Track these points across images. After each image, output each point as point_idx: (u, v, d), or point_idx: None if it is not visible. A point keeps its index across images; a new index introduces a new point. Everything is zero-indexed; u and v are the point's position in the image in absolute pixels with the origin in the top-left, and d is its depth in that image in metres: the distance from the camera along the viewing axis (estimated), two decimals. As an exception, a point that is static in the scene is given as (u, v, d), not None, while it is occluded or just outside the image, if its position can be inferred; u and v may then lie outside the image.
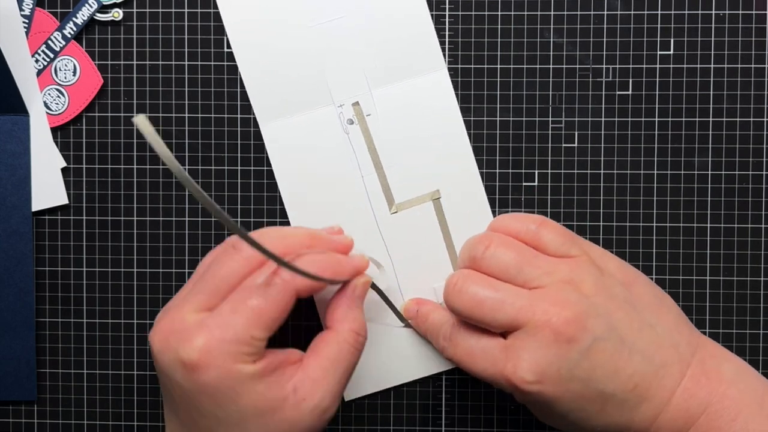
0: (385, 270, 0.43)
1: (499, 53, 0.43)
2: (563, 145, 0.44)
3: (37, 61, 0.43)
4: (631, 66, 0.43)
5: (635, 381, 0.36)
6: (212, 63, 0.44)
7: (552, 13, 0.43)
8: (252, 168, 0.44)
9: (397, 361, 0.44)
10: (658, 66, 0.43)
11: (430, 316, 0.41)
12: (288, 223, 0.44)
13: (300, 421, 0.35)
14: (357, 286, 0.38)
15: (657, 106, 0.43)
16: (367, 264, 0.39)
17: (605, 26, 0.43)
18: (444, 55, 0.44)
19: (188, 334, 0.34)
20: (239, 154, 0.44)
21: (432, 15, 0.43)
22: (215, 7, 0.43)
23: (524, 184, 0.44)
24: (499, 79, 0.44)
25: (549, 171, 0.44)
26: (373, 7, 0.43)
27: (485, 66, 0.44)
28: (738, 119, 0.43)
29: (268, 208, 0.44)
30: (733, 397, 0.37)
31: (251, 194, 0.44)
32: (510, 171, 0.44)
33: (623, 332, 0.36)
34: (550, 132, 0.44)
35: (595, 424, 0.37)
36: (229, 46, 0.44)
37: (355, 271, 0.38)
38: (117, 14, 0.44)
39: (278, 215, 0.44)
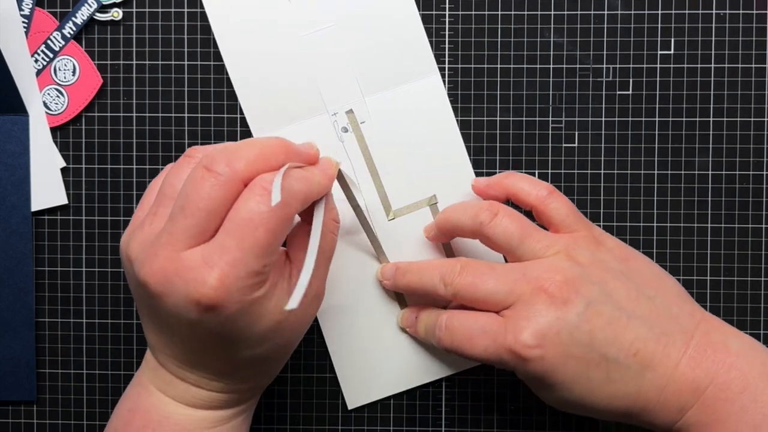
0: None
1: (499, 53, 0.43)
2: (563, 145, 0.44)
3: (36, 60, 0.43)
4: (631, 66, 0.43)
5: (637, 347, 0.36)
6: (212, 63, 0.44)
7: (552, 12, 0.43)
8: (252, 168, 0.44)
9: (398, 368, 0.44)
10: (658, 66, 0.43)
11: (408, 280, 0.41)
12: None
13: (306, 313, 0.37)
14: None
15: (657, 105, 0.43)
16: (336, 167, 0.37)
17: (605, 26, 0.43)
18: (443, 56, 0.43)
19: (196, 274, 0.32)
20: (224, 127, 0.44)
21: (431, 15, 0.43)
22: (215, 6, 0.43)
23: (524, 184, 0.44)
24: (499, 79, 0.43)
25: (549, 171, 0.44)
26: (364, 14, 0.43)
27: (485, 66, 0.43)
28: (738, 119, 0.43)
29: (268, 208, 0.44)
30: (740, 369, 0.36)
31: (251, 194, 0.44)
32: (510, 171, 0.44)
33: (619, 300, 0.37)
34: (550, 132, 0.44)
35: (602, 396, 0.36)
36: (228, 46, 0.44)
37: (331, 180, 0.37)
38: (116, 14, 0.44)
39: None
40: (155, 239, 0.34)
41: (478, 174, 0.44)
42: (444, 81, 0.43)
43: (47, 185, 0.44)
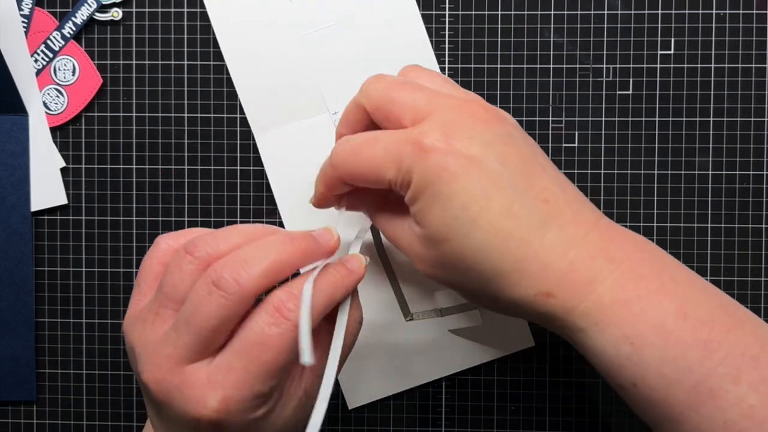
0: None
1: (499, 53, 0.43)
2: (563, 145, 0.44)
3: (36, 60, 0.43)
4: (631, 66, 0.43)
5: (546, 195, 0.32)
6: (212, 63, 0.44)
7: (552, 12, 0.43)
8: (251, 168, 0.44)
9: (398, 368, 0.44)
10: (658, 66, 0.43)
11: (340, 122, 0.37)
12: (285, 225, 0.44)
13: (306, 412, 0.34)
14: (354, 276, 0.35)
15: (657, 105, 0.43)
16: (365, 267, 0.35)
17: (605, 26, 0.43)
18: (443, 55, 0.43)
19: (198, 393, 0.31)
20: (239, 154, 0.44)
21: (432, 15, 0.43)
22: (215, 6, 0.43)
23: (524, 184, 0.44)
24: (499, 79, 0.43)
25: (549, 171, 0.44)
26: (364, 14, 0.43)
27: (485, 66, 0.43)
28: (738, 119, 0.43)
29: (268, 207, 0.44)
30: (653, 253, 0.33)
31: (251, 194, 0.44)
32: (510, 171, 0.44)
33: (536, 152, 0.33)
34: (550, 132, 0.43)
35: (498, 226, 0.31)
36: (228, 46, 0.44)
37: (357, 283, 0.35)
38: (116, 14, 0.44)
39: (278, 215, 0.44)
40: (159, 345, 0.32)
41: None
42: (444, 81, 0.43)
43: (47, 185, 0.44)
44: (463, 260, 0.32)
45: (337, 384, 0.44)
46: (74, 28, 0.44)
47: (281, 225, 0.43)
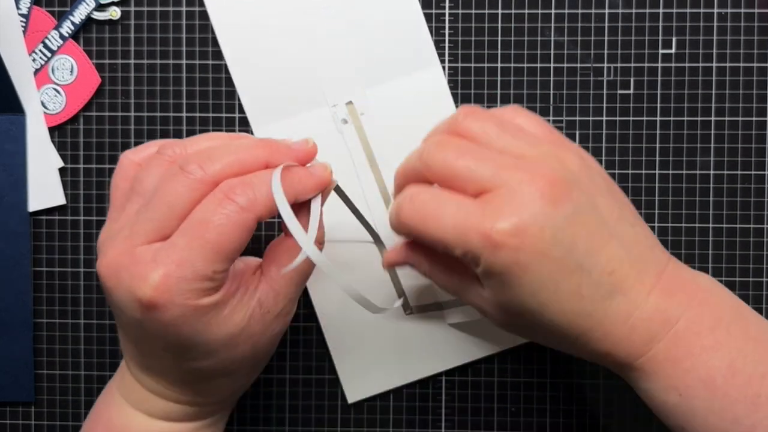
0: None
1: (499, 52, 0.43)
2: (564, 144, 0.43)
3: (34, 60, 0.43)
4: (632, 65, 0.43)
5: (613, 266, 0.33)
6: (210, 62, 0.43)
7: (553, 11, 0.43)
8: (250, 168, 0.44)
9: (398, 362, 0.44)
10: (659, 65, 0.43)
11: (396, 173, 0.37)
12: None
13: (265, 332, 0.35)
14: (322, 194, 0.36)
15: (658, 105, 0.43)
16: (330, 175, 0.36)
17: (606, 25, 0.43)
18: (443, 54, 0.43)
19: (141, 270, 0.31)
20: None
21: (432, 13, 0.43)
22: (213, 5, 0.43)
23: (525, 183, 0.43)
24: (499, 79, 0.43)
25: (549, 171, 0.43)
26: (364, 6, 0.43)
27: (485, 65, 0.43)
28: (740, 118, 0.43)
29: (267, 208, 0.44)
30: (711, 304, 0.34)
31: (250, 194, 0.44)
32: (510, 171, 0.43)
33: (604, 215, 0.33)
34: (550, 131, 0.43)
35: (565, 309, 0.33)
36: (227, 45, 0.43)
37: (319, 186, 0.35)
38: (114, 13, 0.43)
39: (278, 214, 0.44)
40: (118, 232, 0.33)
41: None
42: (444, 79, 0.43)
43: (45, 185, 0.44)
44: (533, 329, 0.34)
45: (336, 383, 0.44)
46: (72, 28, 0.43)
47: (281, 225, 0.43)
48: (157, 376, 0.35)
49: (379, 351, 0.44)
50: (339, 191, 0.37)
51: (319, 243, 0.36)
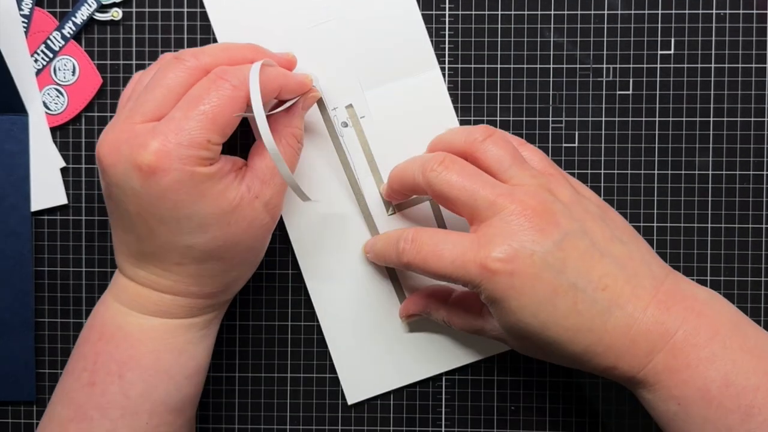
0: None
1: (499, 53, 0.43)
2: (563, 145, 0.44)
3: (36, 60, 0.43)
4: (631, 66, 0.43)
5: (606, 282, 0.35)
6: (212, 63, 0.44)
7: (552, 12, 0.43)
8: (251, 168, 0.44)
9: (398, 363, 0.44)
10: (658, 65, 0.43)
11: (392, 176, 0.41)
12: (287, 225, 0.44)
13: (256, 218, 0.37)
14: (304, 99, 0.40)
15: (657, 105, 0.43)
16: (311, 82, 0.40)
17: (606, 26, 0.43)
18: (443, 55, 0.43)
19: (141, 140, 0.34)
20: (238, 154, 0.44)
21: (432, 14, 0.43)
22: (215, 6, 0.43)
23: (524, 184, 0.44)
24: (499, 79, 0.43)
25: (549, 171, 0.44)
26: (363, 8, 0.43)
27: (485, 66, 0.43)
28: (739, 119, 0.43)
29: (268, 208, 0.44)
30: (709, 316, 0.35)
31: (251, 194, 0.44)
32: (510, 171, 0.44)
33: (595, 238, 0.36)
34: (550, 132, 0.43)
35: (566, 326, 0.35)
36: (228, 46, 0.43)
37: (299, 86, 0.39)
38: (116, 14, 0.44)
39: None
40: (118, 115, 0.37)
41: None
42: (444, 81, 0.43)
43: (47, 185, 0.44)
44: (544, 349, 0.37)
45: (336, 383, 0.44)
46: (74, 28, 0.44)
47: (282, 225, 0.43)
48: (151, 263, 0.37)
49: (379, 351, 0.44)
50: (321, 105, 0.41)
51: (294, 136, 0.39)
